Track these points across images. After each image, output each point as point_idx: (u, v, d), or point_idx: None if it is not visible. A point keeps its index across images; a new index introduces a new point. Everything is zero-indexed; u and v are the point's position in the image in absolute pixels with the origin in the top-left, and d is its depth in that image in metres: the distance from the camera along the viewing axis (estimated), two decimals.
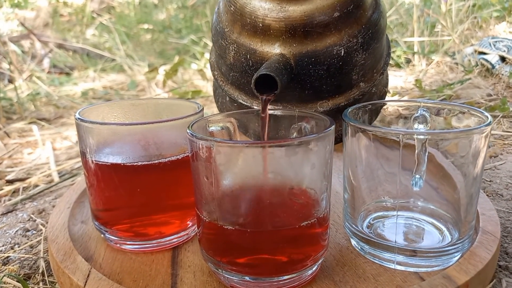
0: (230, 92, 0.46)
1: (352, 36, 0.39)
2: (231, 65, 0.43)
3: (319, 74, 0.40)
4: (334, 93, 0.43)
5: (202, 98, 1.19)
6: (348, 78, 0.42)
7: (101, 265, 0.38)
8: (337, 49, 0.39)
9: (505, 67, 1.24)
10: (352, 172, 0.39)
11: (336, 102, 0.43)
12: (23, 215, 0.54)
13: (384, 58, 0.46)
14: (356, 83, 0.43)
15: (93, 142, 0.38)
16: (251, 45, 0.40)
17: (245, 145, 0.30)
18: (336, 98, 0.43)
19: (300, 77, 0.40)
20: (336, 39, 0.39)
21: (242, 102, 0.45)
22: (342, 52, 0.39)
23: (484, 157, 0.35)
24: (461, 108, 0.39)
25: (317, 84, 0.41)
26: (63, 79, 1.64)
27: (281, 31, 0.39)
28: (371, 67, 0.43)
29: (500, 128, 0.82)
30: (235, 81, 0.45)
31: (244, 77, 0.43)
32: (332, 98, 0.43)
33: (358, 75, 0.42)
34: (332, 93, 0.42)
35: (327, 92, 0.42)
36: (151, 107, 0.46)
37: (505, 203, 0.53)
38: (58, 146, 0.90)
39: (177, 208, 0.41)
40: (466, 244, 0.36)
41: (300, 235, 0.33)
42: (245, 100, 0.45)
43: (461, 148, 0.34)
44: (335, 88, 0.42)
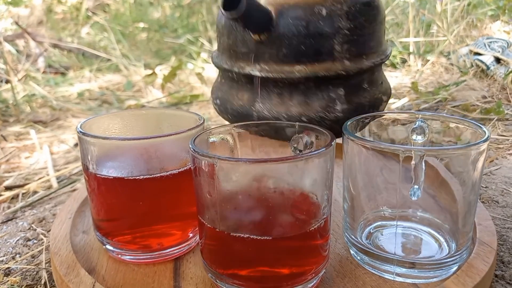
0: (218, 63, 0.48)
1: (336, 1, 0.41)
2: (222, 28, 0.46)
3: (298, 31, 0.41)
4: (314, 59, 0.42)
5: (200, 102, 1.19)
6: (329, 45, 0.42)
7: (104, 277, 0.39)
8: (319, 8, 0.40)
9: (500, 68, 1.25)
10: (351, 182, 0.40)
11: (314, 70, 0.42)
12: (23, 223, 0.55)
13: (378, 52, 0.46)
14: (339, 57, 0.42)
15: (95, 155, 0.38)
16: None
17: (248, 162, 0.31)
18: (315, 65, 0.42)
19: (280, 31, 0.41)
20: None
21: (225, 67, 0.46)
22: (323, 11, 0.40)
23: (482, 170, 0.36)
24: (459, 121, 0.40)
25: (296, 42, 0.41)
26: (58, 79, 1.63)
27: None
28: (358, 47, 0.43)
29: (495, 132, 0.83)
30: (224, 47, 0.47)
31: (230, 37, 0.45)
32: (311, 64, 0.42)
33: (342, 47, 0.42)
34: (311, 57, 0.42)
35: (306, 55, 0.42)
36: (152, 118, 0.46)
37: (501, 210, 0.54)
38: (56, 149, 0.90)
39: (178, 219, 0.41)
40: (464, 255, 0.37)
41: (301, 246, 0.34)
42: (228, 64, 0.46)
43: (459, 163, 0.35)
44: (314, 53, 0.42)
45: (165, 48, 2.12)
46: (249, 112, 0.45)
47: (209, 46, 1.77)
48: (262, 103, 0.45)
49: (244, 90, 0.46)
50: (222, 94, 0.49)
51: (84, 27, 2.54)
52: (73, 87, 1.50)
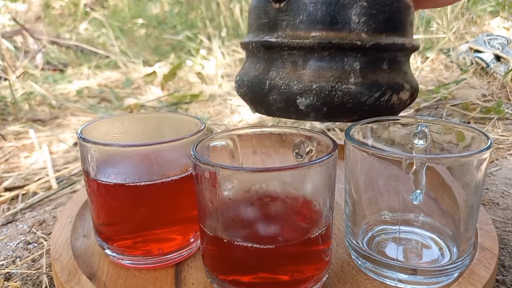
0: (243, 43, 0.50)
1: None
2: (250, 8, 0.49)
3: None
4: (329, 27, 0.42)
5: (200, 102, 1.19)
6: (346, 14, 0.42)
7: (105, 283, 0.39)
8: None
9: (499, 66, 1.25)
10: (353, 187, 0.40)
11: (328, 36, 0.42)
12: (24, 226, 0.54)
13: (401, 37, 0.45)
14: (356, 29, 0.42)
15: (96, 161, 0.38)
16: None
17: (250, 171, 0.30)
18: (330, 32, 0.42)
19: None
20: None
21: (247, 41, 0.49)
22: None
23: (484, 174, 0.36)
24: (461, 127, 0.40)
25: (312, 8, 0.42)
26: (57, 76, 1.63)
27: None
28: (378, 23, 0.42)
29: (495, 132, 0.83)
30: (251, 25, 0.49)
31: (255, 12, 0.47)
32: (326, 31, 0.42)
33: (359, 18, 0.42)
34: (326, 25, 0.42)
35: (322, 22, 0.42)
36: (152, 122, 0.46)
37: (501, 212, 0.54)
38: (55, 149, 0.90)
39: (179, 224, 0.41)
40: (466, 261, 0.37)
41: (303, 253, 0.34)
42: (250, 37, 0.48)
43: (461, 170, 0.35)
44: (330, 21, 0.42)
45: (164, 45, 2.11)
46: (263, 80, 0.45)
47: (208, 43, 1.77)
48: (275, 71, 0.45)
49: (261, 61, 0.47)
50: (242, 71, 0.50)
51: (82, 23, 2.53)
52: (72, 85, 1.50)
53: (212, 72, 1.56)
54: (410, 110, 1.02)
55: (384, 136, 0.46)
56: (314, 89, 0.42)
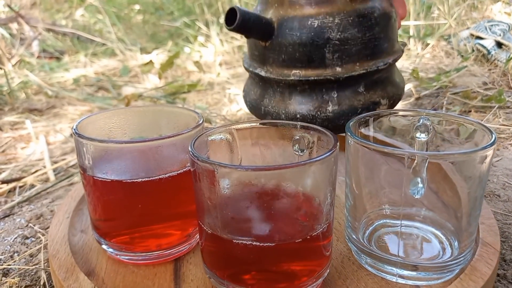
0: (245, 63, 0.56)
1: (329, 15, 0.46)
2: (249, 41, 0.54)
3: (293, 40, 0.47)
4: (307, 65, 0.48)
5: (198, 91, 1.17)
6: (320, 53, 0.47)
7: (103, 279, 0.38)
8: (312, 21, 0.46)
9: (501, 53, 1.24)
10: (354, 181, 0.39)
11: (307, 74, 0.48)
12: (21, 220, 0.54)
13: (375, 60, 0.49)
14: (331, 64, 0.47)
15: (92, 158, 0.37)
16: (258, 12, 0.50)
17: (250, 169, 0.30)
18: (308, 70, 0.48)
19: (279, 40, 0.48)
20: (313, 12, 0.46)
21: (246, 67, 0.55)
22: (315, 24, 0.46)
23: (488, 170, 0.35)
24: (465, 121, 0.39)
25: (291, 49, 0.47)
26: (53, 64, 1.61)
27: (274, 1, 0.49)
28: (350, 55, 0.47)
29: (496, 121, 0.82)
30: (248, 51, 0.55)
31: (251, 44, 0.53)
32: (305, 69, 0.48)
33: (333, 55, 0.47)
34: (305, 63, 0.48)
35: (301, 61, 0.48)
36: (149, 116, 0.45)
37: (502, 204, 0.53)
38: (52, 140, 0.89)
39: (178, 219, 0.41)
40: (468, 257, 0.36)
41: (304, 251, 0.33)
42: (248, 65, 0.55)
43: (464, 165, 0.34)
44: (307, 60, 0.47)
45: (161, 31, 2.09)
46: (259, 105, 0.53)
47: (206, 29, 1.74)
48: (268, 99, 0.52)
49: (257, 87, 0.54)
50: (246, 88, 0.58)
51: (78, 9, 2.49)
52: (69, 73, 1.48)
53: (210, 59, 1.55)
54: (410, 98, 1.01)
55: (385, 127, 0.46)
56: (298, 118, 0.50)
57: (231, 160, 0.41)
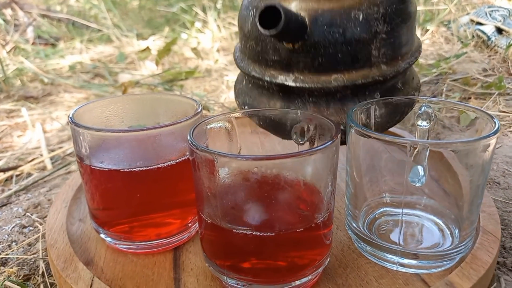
0: (245, 68, 0.45)
1: (373, 3, 0.38)
2: (249, 33, 0.42)
3: (334, 38, 0.38)
4: (351, 67, 0.40)
5: (195, 79, 1.16)
6: (367, 51, 0.39)
7: (102, 269, 0.38)
8: (355, 12, 0.37)
9: (501, 39, 1.23)
10: (355, 169, 0.39)
11: (352, 78, 0.40)
12: (18, 209, 0.54)
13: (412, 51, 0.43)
14: (376, 62, 0.40)
15: (89, 147, 0.36)
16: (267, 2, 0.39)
17: (250, 159, 0.29)
18: (352, 73, 0.40)
19: (314, 39, 0.38)
20: (355, 3, 0.38)
21: (254, 75, 0.44)
22: (360, 16, 0.38)
23: (491, 158, 0.35)
24: (468, 108, 0.38)
25: (332, 50, 0.39)
26: (49, 50, 1.59)
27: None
28: (394, 49, 0.41)
29: (496, 108, 0.82)
30: (250, 52, 0.43)
31: (259, 43, 0.42)
32: (348, 72, 0.40)
33: (379, 52, 0.40)
34: (348, 65, 0.40)
35: (343, 63, 0.40)
36: (147, 104, 0.44)
37: (502, 192, 0.53)
38: (49, 128, 0.88)
39: (177, 208, 0.41)
40: (468, 245, 0.36)
41: (304, 240, 0.33)
42: (257, 72, 0.43)
43: (467, 154, 0.34)
44: (351, 60, 0.40)
45: (158, 17, 2.06)
46: (283, 121, 0.41)
47: (203, 15, 1.72)
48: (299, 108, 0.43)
49: (276, 99, 0.44)
50: (251, 100, 0.46)
51: None
52: (64, 60, 1.46)
53: (208, 45, 1.53)
54: None
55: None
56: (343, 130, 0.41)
57: (230, 148, 0.41)
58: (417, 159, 0.35)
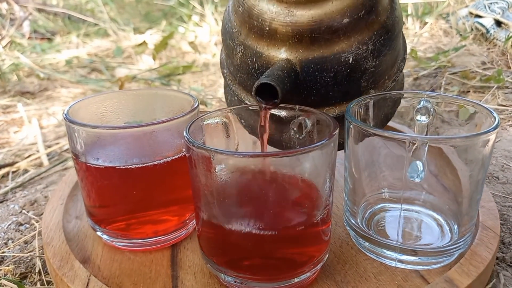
0: (237, 92, 0.44)
1: (362, 43, 0.37)
2: (238, 66, 0.42)
3: (325, 81, 0.38)
4: (341, 100, 0.41)
5: (193, 73, 1.15)
6: (356, 85, 0.40)
7: (99, 267, 0.38)
8: (345, 56, 0.37)
9: (500, 32, 1.22)
10: (354, 165, 0.39)
11: (343, 109, 0.41)
12: (15, 206, 0.53)
13: (398, 64, 0.43)
14: (365, 90, 0.41)
15: (84, 144, 0.36)
16: (258, 48, 0.39)
17: (247, 155, 0.29)
18: (343, 104, 0.41)
19: (306, 84, 0.39)
20: (345, 45, 0.37)
21: (248, 104, 0.44)
22: (350, 59, 0.37)
23: (490, 155, 0.34)
24: (467, 103, 0.38)
25: (323, 91, 0.39)
26: (45, 45, 1.57)
27: (288, 35, 0.37)
28: (382, 74, 0.41)
29: (495, 101, 0.82)
30: (242, 82, 0.43)
31: (251, 79, 0.41)
32: (339, 104, 0.41)
33: (368, 82, 0.40)
34: (339, 99, 0.41)
35: (334, 98, 0.41)
36: (143, 99, 0.44)
37: (501, 186, 0.53)
38: (45, 123, 0.87)
39: (174, 205, 0.40)
40: (467, 241, 0.36)
41: (302, 238, 0.33)
42: (251, 101, 0.43)
43: (466, 149, 0.33)
44: (342, 95, 0.40)
45: (155, 11, 2.04)
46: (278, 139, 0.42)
47: (200, 8, 1.71)
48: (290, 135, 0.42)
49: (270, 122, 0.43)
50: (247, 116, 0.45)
51: None
52: (61, 54, 1.45)
53: (205, 39, 1.52)
54: (408, 79, 1.00)
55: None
56: None
57: (227, 144, 0.40)
58: (416, 154, 0.35)
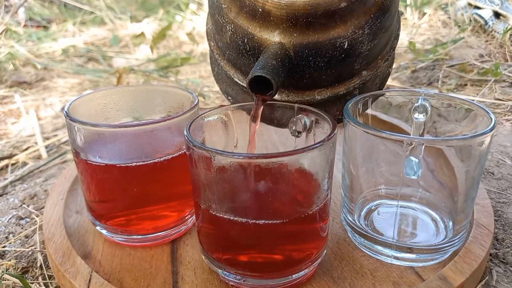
0: (226, 69, 0.44)
1: (358, 28, 0.36)
2: (228, 44, 0.40)
3: (319, 66, 0.38)
4: (334, 82, 0.41)
5: (191, 64, 1.15)
6: (350, 68, 0.39)
7: (100, 262, 0.38)
8: (341, 41, 0.36)
9: (498, 24, 1.22)
10: (352, 161, 0.39)
11: (335, 91, 0.41)
12: (15, 200, 0.54)
13: (391, 42, 0.43)
14: (358, 72, 0.41)
15: (85, 142, 0.36)
16: (249, 29, 0.38)
17: (247, 157, 0.29)
18: (335, 87, 0.41)
19: (299, 68, 0.38)
20: (341, 30, 0.36)
21: (237, 82, 0.43)
22: (345, 44, 0.36)
23: (486, 154, 0.35)
24: (464, 102, 0.38)
25: (316, 75, 0.39)
26: (41, 33, 1.56)
27: (282, 19, 0.35)
28: (376, 55, 0.41)
29: (492, 95, 0.82)
30: (231, 60, 0.42)
31: (241, 59, 0.40)
32: (332, 87, 0.41)
33: (361, 64, 0.40)
34: (331, 82, 0.41)
35: (326, 81, 0.40)
36: (142, 95, 0.44)
37: (496, 182, 0.54)
38: (43, 114, 0.87)
39: (174, 200, 0.41)
40: (462, 239, 0.37)
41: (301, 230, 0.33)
42: (241, 80, 0.43)
43: (463, 150, 0.34)
44: (335, 78, 0.40)
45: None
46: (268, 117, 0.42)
47: None
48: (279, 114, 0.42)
49: None
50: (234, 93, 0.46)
51: None
52: (57, 43, 1.44)
53: (203, 29, 1.51)
54: (406, 71, 1.00)
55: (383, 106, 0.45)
56: None
57: (227, 141, 0.41)
58: (413, 153, 0.35)
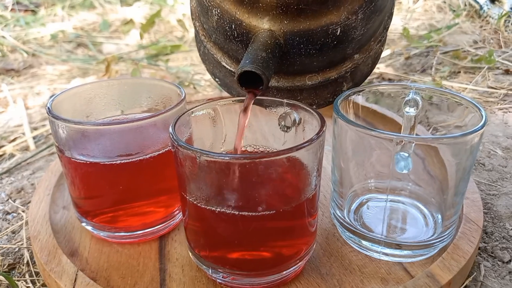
0: (212, 52, 0.42)
1: (351, 13, 0.35)
2: (214, 28, 0.39)
3: (310, 53, 0.37)
4: (325, 68, 0.40)
5: (181, 53, 1.13)
6: (342, 53, 0.38)
7: (87, 260, 0.38)
8: (333, 28, 0.35)
9: (493, 9, 1.21)
10: (341, 157, 0.39)
11: (326, 76, 0.40)
12: (1, 194, 0.53)
13: (384, 22, 0.41)
14: (350, 56, 0.39)
15: (68, 139, 0.35)
16: (237, 15, 0.36)
17: (234, 158, 0.29)
18: (327, 72, 0.40)
19: (290, 55, 0.37)
20: (333, 17, 0.35)
21: (225, 65, 0.42)
22: (338, 31, 0.35)
23: (476, 151, 0.34)
24: (455, 98, 0.38)
25: (307, 61, 0.38)
26: (29, 18, 1.52)
27: (272, 5, 0.34)
28: (369, 38, 0.40)
29: (485, 83, 0.82)
30: (218, 43, 0.41)
31: (229, 44, 0.39)
32: (323, 72, 0.40)
33: (354, 49, 0.38)
34: (323, 67, 0.39)
35: (318, 67, 0.39)
36: (129, 89, 0.43)
37: (487, 173, 0.54)
38: (31, 103, 0.86)
39: (160, 196, 0.40)
40: (451, 235, 0.37)
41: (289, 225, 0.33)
42: (228, 64, 0.42)
43: (454, 147, 0.34)
44: (326, 64, 0.39)
45: None
46: None
47: None
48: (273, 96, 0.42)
49: None
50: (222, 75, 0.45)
51: None
52: (46, 28, 1.40)
53: None
54: (400, 58, 0.99)
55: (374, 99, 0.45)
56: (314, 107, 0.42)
57: (215, 136, 0.40)
58: (403, 150, 0.35)
